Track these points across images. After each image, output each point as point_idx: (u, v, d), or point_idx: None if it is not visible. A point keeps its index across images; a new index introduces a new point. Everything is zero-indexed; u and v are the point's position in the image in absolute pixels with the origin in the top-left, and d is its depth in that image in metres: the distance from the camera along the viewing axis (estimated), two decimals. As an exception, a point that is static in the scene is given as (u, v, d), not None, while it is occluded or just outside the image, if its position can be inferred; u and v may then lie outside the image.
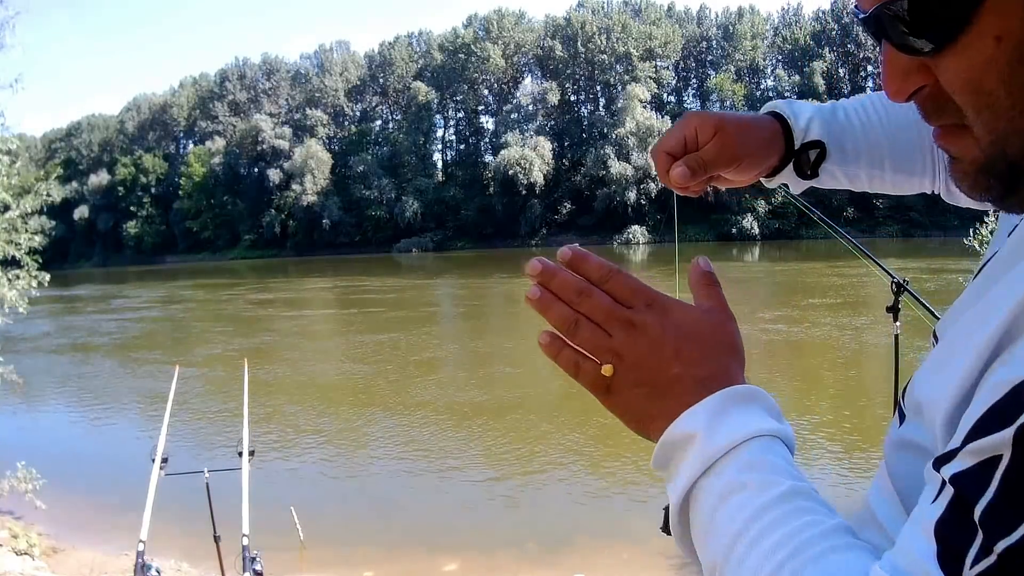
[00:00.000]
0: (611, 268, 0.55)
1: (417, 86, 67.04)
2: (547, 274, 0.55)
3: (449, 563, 5.96)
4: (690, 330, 0.54)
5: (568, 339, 0.55)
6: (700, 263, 0.59)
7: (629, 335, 0.53)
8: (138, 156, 74.36)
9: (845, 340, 13.91)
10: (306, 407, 11.21)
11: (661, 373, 0.52)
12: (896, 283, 2.48)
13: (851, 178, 0.88)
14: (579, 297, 0.54)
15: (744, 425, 0.49)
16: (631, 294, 0.55)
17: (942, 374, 0.45)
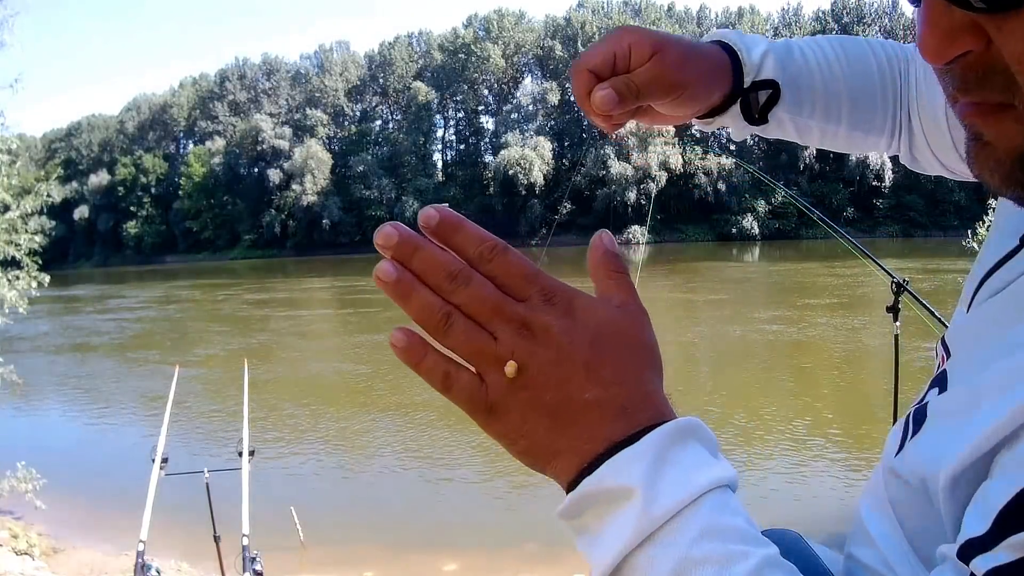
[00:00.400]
0: (495, 242, 0.43)
1: (417, 86, 67.05)
2: (405, 246, 0.41)
3: (449, 563, 5.96)
4: (603, 336, 0.42)
5: (435, 340, 0.42)
6: (603, 240, 0.46)
7: (523, 340, 0.41)
8: (138, 156, 74.36)
9: (844, 340, 13.91)
10: (306, 407, 11.21)
11: (569, 395, 0.41)
12: (896, 283, 2.48)
13: (801, 130, 0.74)
14: (452, 283, 0.41)
15: (692, 478, 0.39)
16: (523, 281, 0.42)
17: (956, 424, 0.40)
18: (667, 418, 0.42)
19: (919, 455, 0.43)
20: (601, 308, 0.43)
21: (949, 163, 0.71)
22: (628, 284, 0.46)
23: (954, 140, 0.67)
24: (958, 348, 0.48)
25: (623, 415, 0.41)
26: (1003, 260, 0.48)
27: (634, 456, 0.39)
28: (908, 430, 0.47)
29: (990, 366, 0.40)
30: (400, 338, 0.42)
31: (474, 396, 0.42)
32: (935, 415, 0.44)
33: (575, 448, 0.41)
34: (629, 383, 0.42)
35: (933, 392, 0.48)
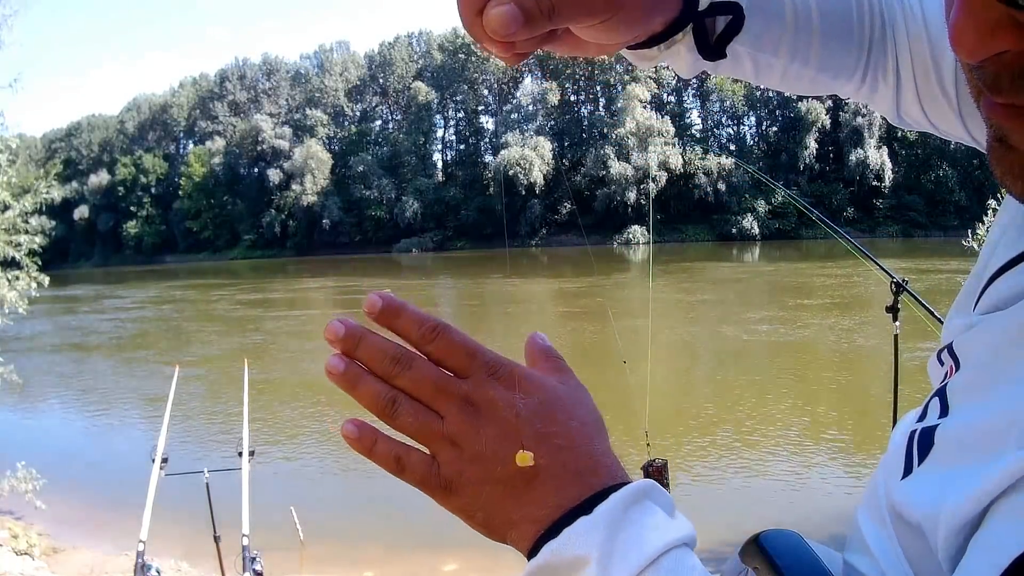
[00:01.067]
0: (435, 324, 0.43)
1: (417, 86, 67.08)
2: (350, 339, 0.43)
3: (449, 563, 5.97)
4: (549, 405, 0.43)
5: (384, 421, 0.44)
6: (537, 340, 0.49)
7: (468, 416, 0.42)
8: (138, 156, 74.37)
9: (844, 340, 13.91)
10: (306, 407, 11.22)
11: (519, 466, 0.42)
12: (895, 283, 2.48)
13: (760, 69, 0.61)
14: (395, 366, 0.43)
15: (648, 541, 0.39)
16: (466, 359, 0.43)
17: (968, 464, 0.38)
18: (620, 480, 0.43)
19: (923, 493, 0.42)
20: (543, 380, 0.45)
21: (942, 124, 0.65)
22: (564, 366, 0.47)
23: (961, 110, 0.61)
24: (969, 360, 0.46)
25: (576, 480, 0.42)
26: (1014, 261, 0.46)
27: (590, 524, 0.40)
28: (913, 454, 0.46)
29: (1013, 401, 0.38)
30: (351, 430, 0.44)
31: (427, 476, 0.43)
32: (944, 447, 0.43)
33: (531, 516, 0.42)
34: (580, 448, 0.43)
35: (935, 404, 0.46)
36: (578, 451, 0.43)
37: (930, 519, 0.39)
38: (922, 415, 0.49)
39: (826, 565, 0.53)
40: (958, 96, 0.60)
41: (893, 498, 0.46)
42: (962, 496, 0.36)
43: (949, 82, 0.60)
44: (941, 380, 0.49)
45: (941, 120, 0.64)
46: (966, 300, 0.51)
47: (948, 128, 0.64)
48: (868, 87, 0.66)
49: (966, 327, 0.48)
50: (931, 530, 0.39)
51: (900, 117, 0.67)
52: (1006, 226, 0.49)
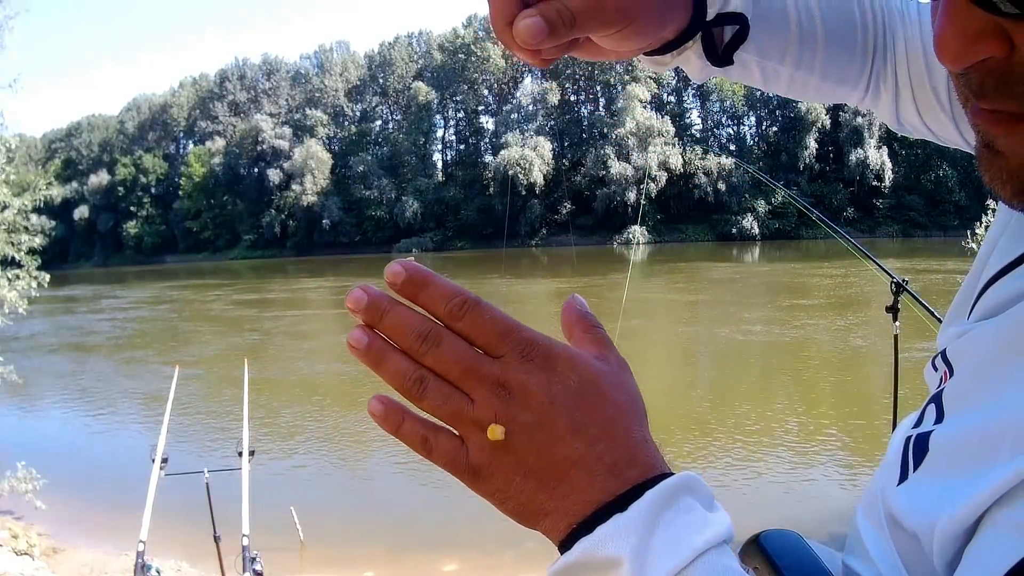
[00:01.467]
0: (465, 298, 0.41)
1: (417, 86, 67.06)
2: (374, 309, 0.41)
3: (449, 563, 5.97)
4: (586, 390, 0.41)
5: (411, 401, 0.42)
6: (575, 303, 0.46)
7: (500, 401, 0.40)
8: (138, 156, 74.35)
9: (844, 340, 13.91)
10: (306, 407, 11.21)
11: (553, 455, 0.40)
12: (895, 283, 2.48)
13: (768, 76, 0.65)
14: (422, 345, 0.40)
15: (684, 541, 0.37)
16: (498, 337, 0.41)
17: (962, 473, 0.38)
18: (659, 471, 0.41)
19: (917, 500, 0.43)
20: (581, 361, 0.42)
21: (939, 131, 0.67)
22: (605, 338, 0.44)
23: (954, 116, 0.63)
24: (962, 366, 0.46)
25: (612, 473, 0.40)
26: (1011, 265, 0.46)
27: (624, 523, 0.38)
28: (908, 460, 0.46)
29: (1005, 408, 0.38)
30: (377, 408, 0.43)
31: (456, 460, 0.41)
32: (938, 454, 0.43)
33: (564, 509, 0.40)
34: (617, 438, 0.41)
35: (931, 410, 0.46)
36: (615, 440, 0.40)
37: (925, 527, 0.40)
38: (918, 420, 0.49)
39: (826, 565, 0.53)
40: (951, 102, 0.62)
41: (889, 503, 0.46)
42: (956, 505, 0.37)
43: (943, 89, 0.61)
44: (936, 386, 0.49)
45: (938, 127, 0.65)
46: (961, 307, 0.51)
47: (945, 134, 0.65)
48: (871, 95, 0.68)
49: (960, 335, 0.48)
50: (926, 537, 0.40)
51: (900, 124, 0.69)
52: (998, 234, 0.50)
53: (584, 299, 0.46)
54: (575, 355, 0.42)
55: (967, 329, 0.48)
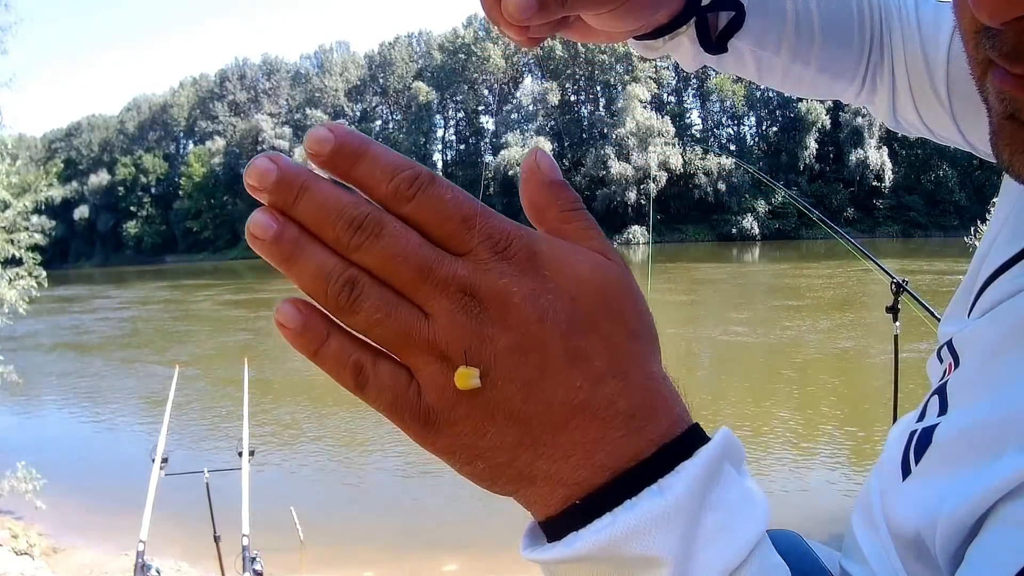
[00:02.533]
0: (416, 172, 0.30)
1: (417, 86, 67.10)
2: (287, 186, 0.30)
3: (449, 563, 5.97)
4: (589, 304, 0.31)
5: (337, 316, 0.30)
6: (540, 164, 0.34)
7: (468, 316, 0.29)
8: (138, 156, 74.41)
9: (844, 340, 13.91)
10: (306, 407, 11.22)
11: (545, 397, 0.29)
12: (895, 283, 2.48)
13: (762, 67, 0.62)
14: (356, 234, 0.29)
15: (735, 534, 0.29)
16: (462, 226, 0.30)
17: (966, 468, 0.36)
18: (687, 424, 0.32)
19: (922, 494, 0.40)
20: (579, 261, 0.31)
21: (937, 127, 0.65)
22: (593, 226, 0.34)
23: (954, 113, 0.61)
24: (968, 357, 0.44)
25: (628, 427, 0.30)
26: (1010, 262, 0.44)
27: (665, 508, 0.28)
28: (910, 455, 0.43)
29: (1012, 400, 0.35)
30: (290, 315, 0.30)
31: (401, 400, 0.30)
32: (943, 447, 0.40)
33: (559, 474, 0.30)
34: (632, 375, 0.31)
35: (934, 402, 0.44)
36: (629, 378, 0.31)
37: (929, 522, 0.37)
38: (921, 415, 0.46)
39: (826, 565, 0.52)
40: (951, 99, 0.61)
41: (890, 502, 0.43)
42: (961, 499, 0.34)
43: (941, 86, 0.61)
44: (940, 378, 0.47)
45: (936, 123, 0.65)
46: (960, 306, 0.50)
47: (943, 131, 0.65)
48: (867, 90, 0.67)
49: (965, 326, 0.47)
50: (929, 533, 0.37)
51: (896, 121, 0.68)
52: (998, 229, 0.48)
53: (551, 158, 0.34)
54: (567, 252, 0.31)
55: (971, 323, 0.46)
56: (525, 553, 0.32)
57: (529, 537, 0.34)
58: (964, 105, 0.60)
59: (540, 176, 0.33)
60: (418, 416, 0.30)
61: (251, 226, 0.30)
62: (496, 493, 0.33)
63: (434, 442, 0.31)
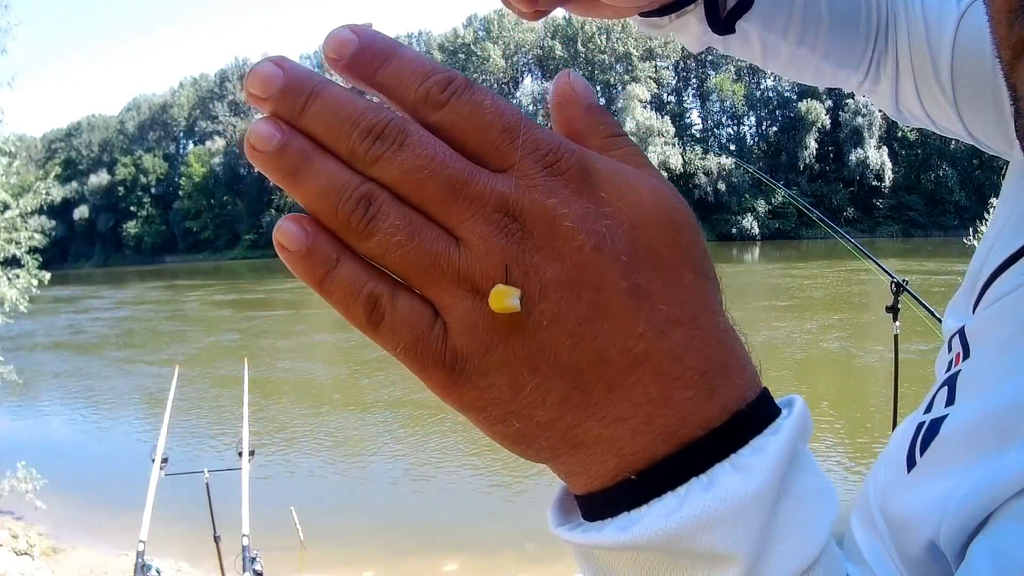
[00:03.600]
0: (451, 76, 0.26)
1: (417, 86, 67.20)
2: (295, 91, 0.25)
3: (449, 563, 5.96)
4: (651, 234, 0.26)
5: (348, 241, 0.25)
6: (574, 86, 0.29)
7: (509, 239, 0.24)
8: (138, 156, 74.41)
9: (843, 340, 13.92)
10: (307, 407, 11.21)
11: (600, 343, 0.25)
12: (895, 283, 2.49)
13: (768, 50, 0.61)
14: (376, 143, 0.25)
15: (810, 529, 0.25)
16: (503, 137, 0.25)
17: (973, 462, 0.34)
18: (760, 387, 0.27)
19: (927, 487, 0.38)
20: (638, 183, 0.27)
21: (940, 119, 0.65)
22: (642, 153, 0.29)
23: (958, 106, 0.61)
24: (978, 349, 0.43)
25: (703, 386, 0.25)
26: (1011, 260, 0.43)
27: (745, 496, 0.24)
28: (916, 448, 0.41)
29: (1022, 394, 0.34)
30: (293, 234, 0.25)
31: (422, 340, 0.25)
32: (950, 438, 0.38)
33: (613, 441, 0.25)
34: (701, 323, 0.26)
35: (943, 393, 0.43)
36: (699, 328, 0.26)
37: (935, 513, 0.35)
38: (928, 406, 0.44)
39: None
40: (955, 91, 0.61)
41: (894, 496, 0.41)
42: (973, 490, 0.32)
43: (946, 78, 0.60)
44: (946, 369, 0.46)
45: (939, 115, 0.65)
46: (964, 302, 0.50)
47: (946, 124, 0.65)
48: (871, 80, 0.66)
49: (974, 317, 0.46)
50: (935, 524, 0.35)
51: (899, 111, 0.68)
52: (1002, 226, 0.47)
53: (585, 80, 0.29)
54: (628, 174, 0.27)
55: (981, 313, 0.45)
56: (561, 531, 0.27)
57: (560, 511, 0.29)
58: (968, 98, 0.59)
59: (577, 99, 0.29)
60: (442, 362, 0.25)
61: (251, 137, 0.25)
62: (528, 458, 0.28)
63: (460, 395, 0.26)
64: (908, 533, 0.38)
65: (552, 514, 0.29)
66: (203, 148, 72.15)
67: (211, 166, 70.69)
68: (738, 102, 61.43)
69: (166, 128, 77.24)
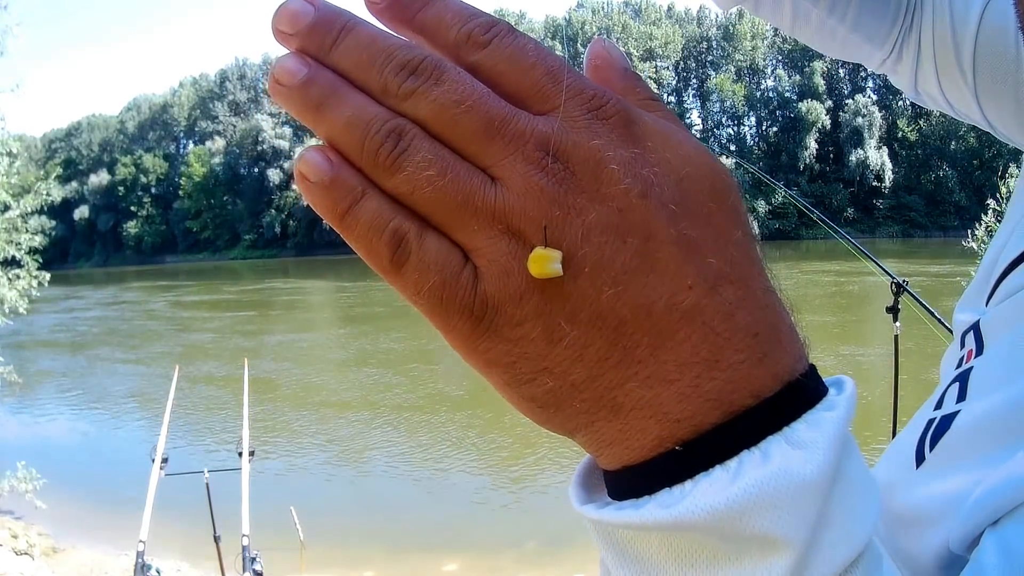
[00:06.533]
0: (495, 19, 0.25)
1: (417, 86, 67.21)
2: (325, 27, 0.25)
3: (449, 563, 5.96)
4: (700, 186, 0.24)
5: (375, 176, 0.24)
6: (609, 51, 0.27)
7: (552, 182, 0.23)
8: (138, 156, 74.42)
9: (843, 340, 13.92)
10: (306, 407, 11.21)
11: (645, 292, 0.23)
12: (896, 283, 2.48)
13: (798, 15, 0.62)
14: (410, 77, 0.23)
15: (859, 519, 0.23)
16: (545, 79, 0.24)
17: (979, 457, 0.34)
18: (806, 361, 0.25)
19: (936, 483, 0.37)
20: (682, 137, 0.25)
21: (958, 103, 0.65)
22: (677, 118, 0.27)
23: (977, 92, 0.61)
24: (992, 346, 0.42)
25: (751, 350, 0.23)
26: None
27: (799, 477, 0.21)
28: (926, 444, 0.40)
29: None
30: (316, 164, 0.24)
31: (450, 284, 0.23)
32: (960, 435, 0.38)
33: (657, 406, 0.23)
34: (752, 283, 0.24)
35: (954, 389, 0.42)
36: (750, 287, 0.24)
37: (944, 511, 0.34)
38: (939, 403, 0.43)
39: None
40: (975, 78, 0.61)
41: (900, 488, 0.41)
42: (984, 493, 0.31)
43: (967, 65, 0.61)
44: (956, 365, 0.45)
45: (958, 100, 0.65)
46: (976, 295, 0.50)
47: (964, 109, 0.65)
48: (894, 58, 0.67)
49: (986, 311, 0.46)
50: (943, 519, 0.34)
51: (917, 92, 0.69)
52: (1016, 222, 0.48)
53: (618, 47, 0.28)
54: (673, 128, 0.25)
55: (996, 308, 0.45)
56: (587, 510, 0.24)
57: (584, 488, 0.26)
58: (988, 85, 0.59)
59: (614, 62, 0.27)
60: (470, 310, 0.23)
61: (275, 71, 0.25)
62: (555, 428, 0.25)
63: (488, 348, 0.24)
64: (913, 528, 0.37)
65: (575, 491, 0.26)
66: (203, 148, 72.14)
67: (211, 166, 70.68)
68: (738, 102, 61.43)
69: (166, 128, 77.23)
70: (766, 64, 65.44)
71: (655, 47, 63.35)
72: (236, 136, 70.99)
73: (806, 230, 48.47)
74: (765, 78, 65.12)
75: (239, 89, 74.26)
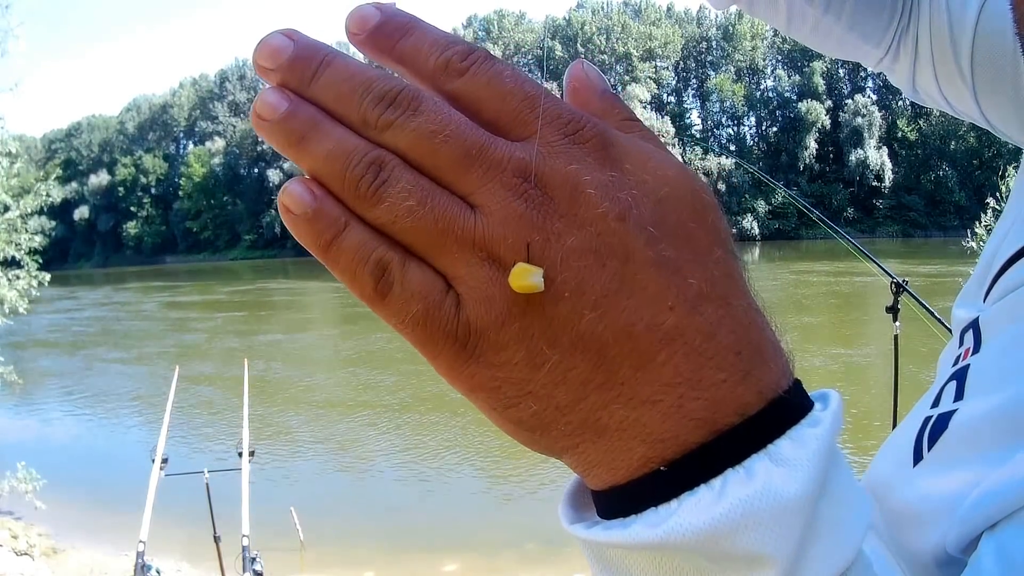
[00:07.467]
0: (469, 47, 0.25)
1: (417, 86, 67.26)
2: (305, 61, 0.25)
3: (449, 563, 5.96)
4: (678, 208, 0.24)
5: (357, 208, 0.24)
6: (587, 73, 0.29)
7: (529, 205, 0.23)
8: (138, 156, 74.46)
9: (843, 340, 13.92)
10: (307, 407, 11.21)
11: (626, 316, 0.23)
12: (895, 283, 2.48)
13: (793, 15, 0.61)
14: (388, 109, 0.24)
15: (847, 531, 0.23)
16: (523, 105, 0.25)
17: (977, 456, 0.34)
18: (791, 376, 0.25)
19: (934, 482, 0.37)
20: (660, 158, 0.25)
21: (957, 102, 0.65)
22: (656, 137, 0.27)
23: (975, 91, 0.61)
24: (989, 343, 0.42)
25: (734, 368, 0.23)
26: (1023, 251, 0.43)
27: (783, 495, 0.22)
28: (923, 442, 0.40)
29: None
30: (299, 196, 0.24)
31: (433, 313, 0.24)
32: (958, 434, 0.38)
33: (640, 427, 0.23)
34: (733, 301, 0.24)
35: (951, 388, 0.42)
36: (732, 306, 0.24)
37: (942, 510, 0.34)
38: (936, 401, 0.43)
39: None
40: (973, 76, 0.61)
41: (897, 487, 0.41)
42: (981, 495, 0.31)
43: (965, 62, 0.61)
44: (953, 363, 0.45)
45: (956, 99, 0.65)
46: (975, 291, 0.49)
47: (962, 107, 0.65)
48: (891, 57, 0.67)
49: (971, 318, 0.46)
50: (941, 518, 0.34)
51: (915, 90, 0.69)
52: (1014, 218, 0.48)
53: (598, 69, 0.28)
54: (650, 150, 0.25)
55: (994, 305, 0.45)
56: (576, 529, 0.25)
57: (573, 507, 0.27)
58: (986, 84, 0.59)
59: (592, 85, 0.28)
60: (454, 336, 0.23)
61: (257, 106, 0.24)
62: (541, 449, 0.25)
63: (472, 374, 0.24)
64: (911, 526, 0.37)
65: (564, 511, 0.26)
66: (203, 148, 72.17)
67: (211, 166, 70.70)
68: (738, 102, 61.46)
69: (166, 128, 77.26)
70: (766, 64, 65.46)
71: (655, 47, 63.36)
72: (236, 136, 71.01)
73: (806, 230, 48.49)
74: (765, 78, 65.14)
75: (239, 89, 74.26)
